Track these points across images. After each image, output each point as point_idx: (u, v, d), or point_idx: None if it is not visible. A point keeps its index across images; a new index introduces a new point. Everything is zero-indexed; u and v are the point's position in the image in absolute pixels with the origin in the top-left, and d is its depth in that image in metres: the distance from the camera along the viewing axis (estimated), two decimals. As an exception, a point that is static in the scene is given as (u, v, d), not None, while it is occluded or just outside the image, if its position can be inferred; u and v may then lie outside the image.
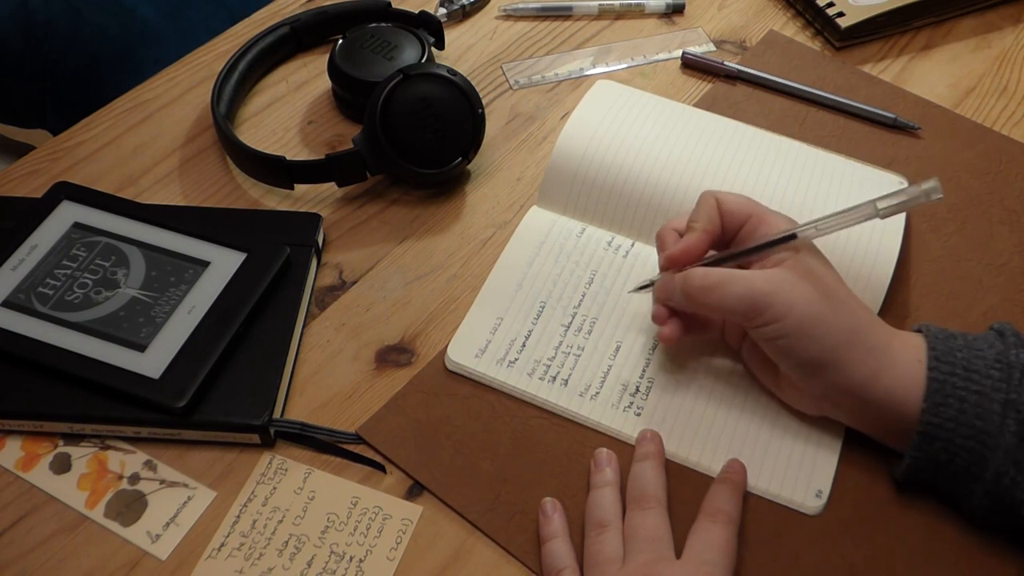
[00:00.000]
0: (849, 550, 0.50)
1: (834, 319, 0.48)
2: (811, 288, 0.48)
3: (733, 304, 0.49)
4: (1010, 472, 0.46)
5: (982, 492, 0.47)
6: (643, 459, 0.52)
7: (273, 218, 0.64)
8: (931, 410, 0.47)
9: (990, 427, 0.46)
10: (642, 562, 0.46)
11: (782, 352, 0.49)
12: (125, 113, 0.73)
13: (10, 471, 0.53)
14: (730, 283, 0.49)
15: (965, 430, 0.47)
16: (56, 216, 0.61)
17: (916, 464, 0.49)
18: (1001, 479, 0.46)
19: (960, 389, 0.47)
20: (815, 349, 0.48)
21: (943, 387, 0.47)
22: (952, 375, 0.47)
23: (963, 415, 0.47)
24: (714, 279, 0.50)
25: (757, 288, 0.48)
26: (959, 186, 0.67)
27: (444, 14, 0.79)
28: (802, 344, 0.48)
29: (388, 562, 0.49)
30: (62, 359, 0.53)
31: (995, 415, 0.46)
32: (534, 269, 0.61)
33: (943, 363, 0.48)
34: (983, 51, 0.77)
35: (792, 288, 0.48)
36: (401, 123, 0.62)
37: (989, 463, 0.46)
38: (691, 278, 0.51)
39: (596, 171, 0.64)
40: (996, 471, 0.46)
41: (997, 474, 0.46)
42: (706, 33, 0.79)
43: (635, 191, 0.64)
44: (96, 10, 0.94)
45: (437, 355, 0.57)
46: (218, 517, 0.51)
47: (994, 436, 0.46)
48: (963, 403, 0.47)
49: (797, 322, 0.48)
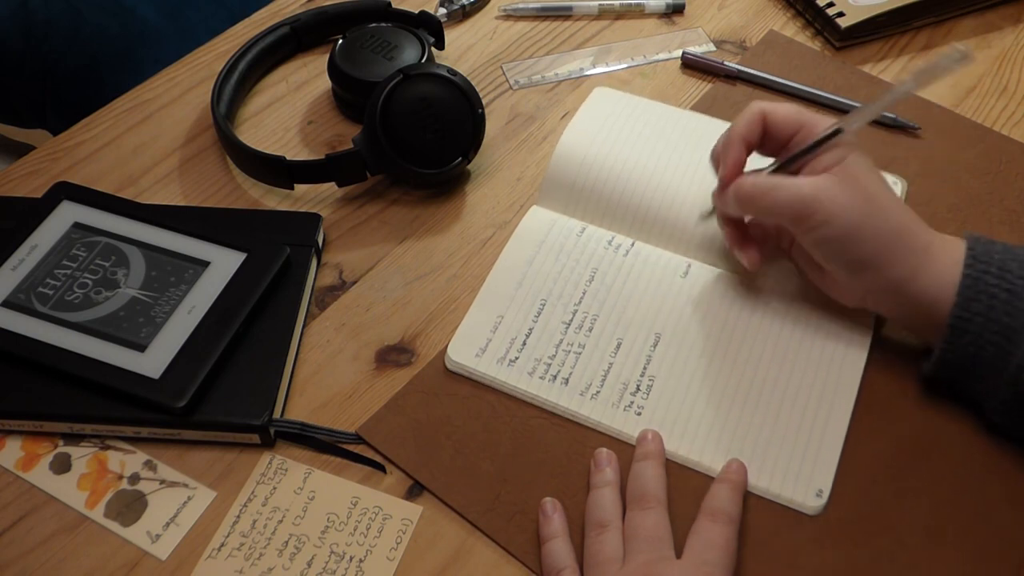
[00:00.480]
0: (849, 550, 0.50)
1: (876, 224, 0.51)
2: (855, 194, 0.50)
3: (782, 208, 0.52)
4: None
5: (1004, 387, 0.49)
6: (643, 458, 0.52)
7: (273, 218, 0.64)
8: (962, 304, 0.49)
9: (1016, 324, 0.49)
10: (642, 562, 0.46)
11: (827, 255, 0.52)
12: (125, 113, 0.73)
13: (10, 471, 0.53)
14: (778, 188, 0.52)
15: (993, 325, 0.49)
16: (56, 216, 0.61)
17: (945, 358, 0.51)
18: (1022, 372, 0.48)
19: (992, 287, 0.49)
20: (858, 252, 0.51)
21: (975, 283, 0.49)
22: (986, 273, 0.50)
23: (992, 311, 0.49)
24: (763, 186, 0.52)
25: (805, 193, 0.51)
26: (959, 186, 0.67)
27: (444, 14, 0.79)
28: (846, 248, 0.51)
29: (388, 562, 0.49)
30: (62, 359, 0.53)
31: (1022, 313, 0.48)
32: (534, 267, 0.61)
33: (979, 262, 0.50)
34: (983, 51, 0.77)
35: (837, 194, 0.50)
36: (401, 123, 0.62)
37: (1012, 358, 0.49)
38: (742, 186, 0.53)
39: (595, 176, 0.64)
40: (1018, 365, 0.48)
41: (1019, 367, 0.48)
42: (706, 33, 0.79)
43: (635, 194, 0.64)
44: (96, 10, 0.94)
45: (437, 355, 0.57)
46: (218, 517, 0.51)
47: (1019, 332, 0.48)
48: (993, 299, 0.49)
49: (842, 228, 0.50)
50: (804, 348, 0.57)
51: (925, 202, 0.65)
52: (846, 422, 0.54)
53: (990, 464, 0.53)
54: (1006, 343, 0.49)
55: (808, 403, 0.55)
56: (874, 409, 0.55)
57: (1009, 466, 0.52)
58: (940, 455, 0.53)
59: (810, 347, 0.57)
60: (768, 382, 0.55)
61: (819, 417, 0.54)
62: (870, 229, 0.51)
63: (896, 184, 0.66)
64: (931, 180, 0.67)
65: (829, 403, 0.55)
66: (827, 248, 0.52)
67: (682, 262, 0.61)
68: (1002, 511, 0.51)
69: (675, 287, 0.60)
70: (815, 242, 0.52)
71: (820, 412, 0.54)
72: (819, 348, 0.57)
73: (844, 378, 0.56)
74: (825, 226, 0.51)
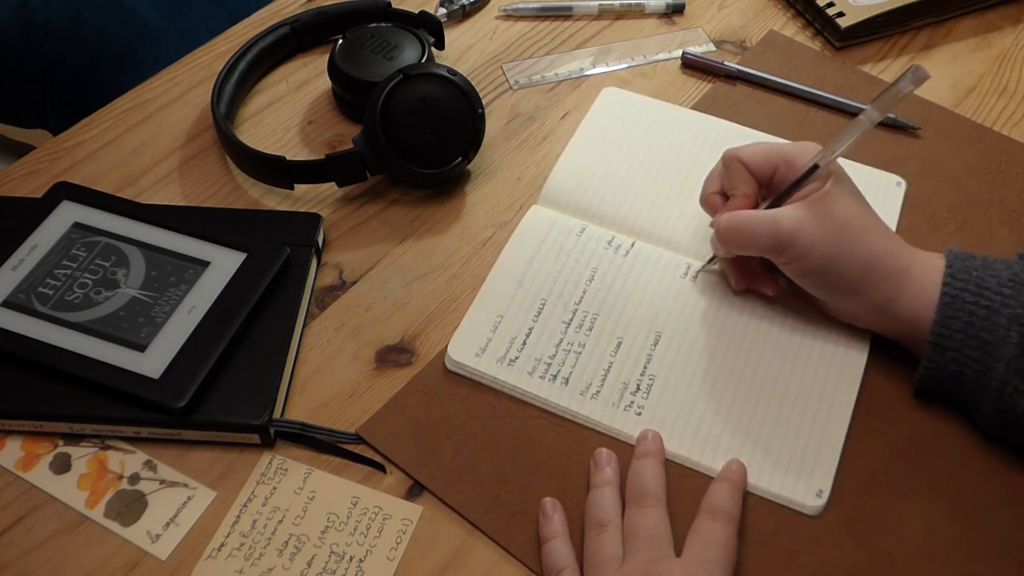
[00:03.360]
0: (849, 550, 0.50)
1: (852, 252, 0.52)
2: (829, 225, 0.52)
3: (760, 241, 0.53)
4: (1012, 381, 0.49)
5: (989, 402, 0.50)
6: (642, 457, 0.52)
7: (273, 218, 0.64)
8: (941, 322, 0.51)
9: (995, 339, 0.49)
10: (642, 561, 0.46)
11: (809, 284, 0.54)
12: (125, 113, 0.73)
13: (10, 471, 0.53)
14: (756, 222, 0.53)
15: (973, 342, 0.50)
16: (56, 216, 0.61)
17: (929, 374, 0.52)
18: (1005, 387, 0.49)
19: (970, 304, 0.50)
20: (836, 280, 0.53)
21: (954, 301, 0.50)
22: (964, 291, 0.51)
23: (971, 327, 0.50)
24: (739, 219, 0.54)
25: (782, 227, 0.52)
26: (959, 186, 0.67)
27: (444, 14, 0.79)
28: (825, 277, 0.53)
29: (388, 562, 0.49)
30: (62, 359, 0.53)
31: (1000, 328, 0.49)
32: (534, 267, 0.61)
33: (957, 280, 0.51)
34: (983, 51, 0.77)
35: (812, 227, 0.52)
36: (401, 123, 0.62)
37: (993, 373, 0.49)
38: (720, 223, 0.55)
39: (601, 176, 0.65)
40: (1000, 380, 0.49)
41: (1001, 383, 0.49)
42: (706, 33, 0.79)
43: (639, 195, 0.64)
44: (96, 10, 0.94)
45: (437, 355, 0.57)
46: (218, 517, 0.51)
47: (998, 347, 0.49)
48: (972, 316, 0.50)
49: (818, 260, 0.52)
50: (805, 348, 0.57)
51: (925, 202, 0.65)
52: (846, 422, 0.54)
53: (990, 464, 0.53)
54: (988, 359, 0.50)
55: (808, 403, 0.55)
56: (874, 409, 0.55)
57: (1009, 466, 0.52)
58: (940, 455, 0.53)
59: (810, 347, 0.57)
60: (768, 382, 0.55)
61: (819, 417, 0.54)
62: (846, 258, 0.52)
63: (896, 184, 0.66)
64: (931, 180, 0.67)
65: (829, 403, 0.55)
66: (808, 278, 0.54)
67: (682, 262, 0.61)
68: (1002, 511, 0.51)
69: (675, 286, 0.60)
70: (795, 273, 0.54)
71: (820, 412, 0.54)
72: (819, 348, 0.57)
73: (844, 378, 0.56)
74: (803, 258, 0.52)
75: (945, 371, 0.52)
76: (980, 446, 0.53)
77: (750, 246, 0.54)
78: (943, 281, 0.51)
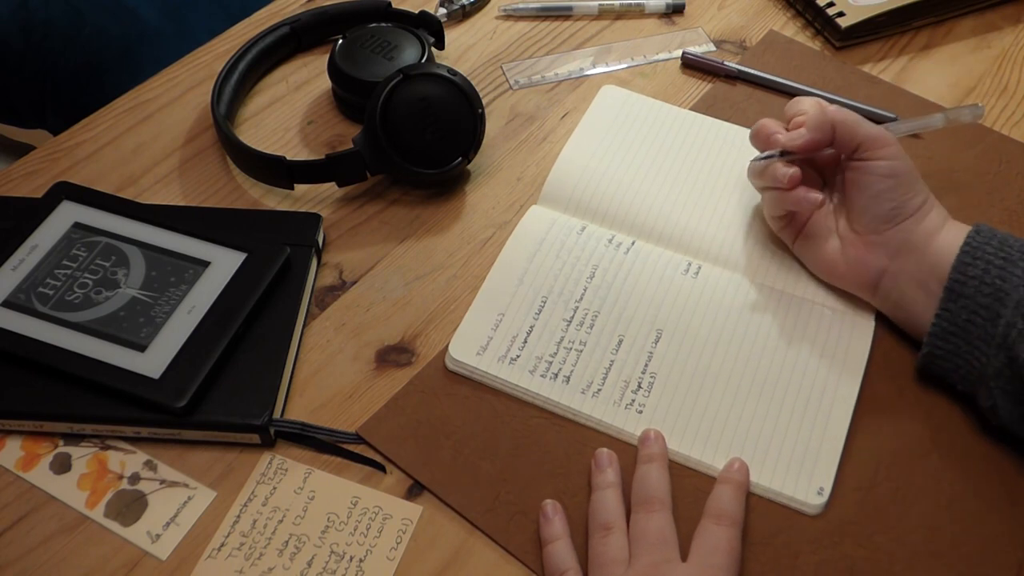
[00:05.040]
0: (849, 550, 0.50)
1: (921, 183, 0.56)
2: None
3: (870, 129, 0.55)
4: (1018, 324, 0.49)
5: (996, 351, 0.50)
6: (648, 461, 0.52)
7: (273, 218, 0.64)
8: (959, 267, 0.52)
9: (1008, 287, 0.51)
10: (648, 563, 0.47)
11: (882, 193, 0.55)
12: (125, 113, 0.73)
13: (10, 471, 0.53)
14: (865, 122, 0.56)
15: (986, 288, 0.51)
16: (56, 216, 0.61)
17: (941, 325, 0.53)
18: (1010, 331, 0.50)
19: (990, 254, 0.52)
20: (905, 195, 0.55)
21: (974, 251, 0.52)
22: (986, 244, 0.52)
23: (987, 275, 0.51)
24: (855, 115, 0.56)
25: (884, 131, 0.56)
26: (959, 186, 0.67)
27: (444, 14, 0.79)
28: (902, 189, 0.55)
29: (388, 562, 0.49)
30: (62, 359, 0.53)
31: (1015, 276, 0.51)
32: (535, 265, 0.61)
33: (982, 234, 0.53)
34: (983, 51, 0.77)
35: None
36: (401, 123, 0.62)
37: (1001, 318, 0.50)
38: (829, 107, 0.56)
39: (600, 178, 0.65)
40: (1007, 323, 0.49)
41: (1007, 325, 0.50)
42: (706, 33, 0.79)
43: (639, 194, 0.64)
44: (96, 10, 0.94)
45: (437, 355, 0.57)
46: (218, 517, 0.51)
47: (1010, 294, 0.50)
48: (989, 265, 0.52)
49: (907, 167, 0.55)
50: (806, 346, 0.57)
51: (925, 202, 0.65)
52: (847, 421, 0.54)
53: (990, 464, 0.53)
54: (997, 304, 0.51)
55: (810, 401, 0.55)
56: (875, 408, 0.55)
57: (1009, 466, 0.53)
58: (940, 455, 0.53)
59: (812, 345, 0.57)
60: (770, 380, 0.55)
61: (820, 415, 0.54)
62: (920, 183, 0.56)
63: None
64: (931, 180, 0.66)
65: (831, 401, 0.55)
66: (888, 181, 0.55)
67: (683, 260, 0.61)
68: (1002, 511, 0.51)
69: (676, 284, 0.60)
70: (881, 173, 0.55)
71: (822, 410, 0.54)
72: (821, 346, 0.57)
73: (846, 376, 0.56)
74: (896, 160, 0.55)
75: (956, 322, 0.52)
76: (981, 446, 0.53)
77: (856, 132, 0.55)
78: (968, 234, 0.53)
